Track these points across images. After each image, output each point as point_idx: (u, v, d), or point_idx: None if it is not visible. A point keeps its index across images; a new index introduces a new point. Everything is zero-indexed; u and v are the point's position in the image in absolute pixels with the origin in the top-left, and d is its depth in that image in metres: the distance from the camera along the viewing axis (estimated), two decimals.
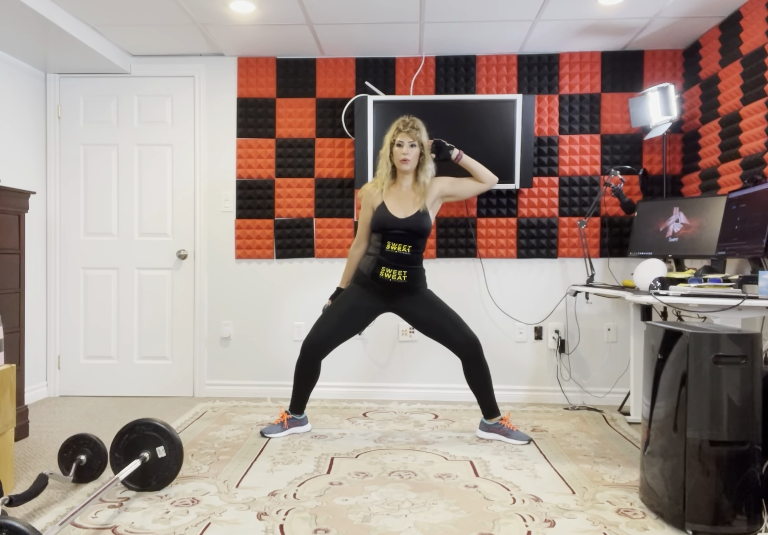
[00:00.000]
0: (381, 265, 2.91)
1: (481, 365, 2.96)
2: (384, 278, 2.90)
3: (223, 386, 3.93)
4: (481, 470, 2.56)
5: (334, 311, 2.98)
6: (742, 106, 3.05)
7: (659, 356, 2.08)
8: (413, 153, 2.88)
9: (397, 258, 2.89)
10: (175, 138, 3.94)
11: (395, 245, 2.89)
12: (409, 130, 2.86)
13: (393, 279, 2.90)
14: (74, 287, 3.97)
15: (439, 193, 2.96)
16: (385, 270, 2.90)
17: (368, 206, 2.99)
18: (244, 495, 2.27)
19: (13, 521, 1.51)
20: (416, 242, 2.91)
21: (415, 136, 2.86)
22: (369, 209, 2.98)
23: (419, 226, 2.89)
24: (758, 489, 1.94)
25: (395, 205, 2.92)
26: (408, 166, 2.88)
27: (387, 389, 3.88)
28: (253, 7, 3.14)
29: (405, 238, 2.89)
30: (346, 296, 3.00)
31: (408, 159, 2.86)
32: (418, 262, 2.95)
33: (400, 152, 2.87)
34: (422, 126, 2.91)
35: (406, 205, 2.92)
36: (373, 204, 2.96)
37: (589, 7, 3.14)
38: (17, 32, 3.21)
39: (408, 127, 2.87)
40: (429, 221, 2.92)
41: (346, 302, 2.98)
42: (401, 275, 2.90)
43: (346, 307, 2.97)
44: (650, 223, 3.31)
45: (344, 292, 3.03)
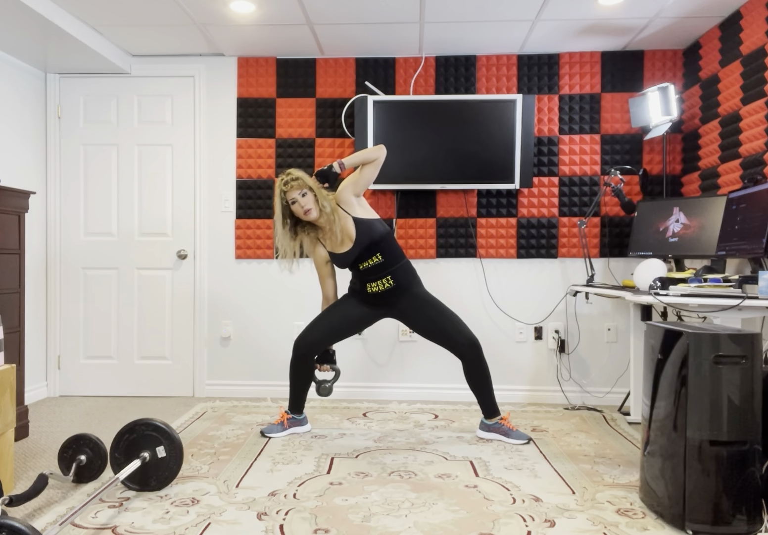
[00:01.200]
0: (365, 284, 2.93)
1: (481, 365, 2.96)
2: (374, 292, 2.93)
3: (223, 386, 3.93)
4: (481, 470, 2.56)
5: (331, 314, 3.00)
6: (742, 106, 3.05)
7: (659, 356, 2.08)
8: (310, 200, 2.78)
9: (375, 270, 2.90)
10: (175, 138, 3.94)
11: (366, 263, 2.89)
12: (291, 186, 2.78)
13: (383, 289, 2.91)
14: (74, 287, 3.97)
15: (353, 196, 2.88)
16: (371, 286, 2.92)
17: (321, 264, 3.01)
18: (244, 495, 2.27)
19: (13, 521, 1.51)
20: (381, 248, 2.87)
21: (300, 185, 2.77)
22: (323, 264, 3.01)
23: (370, 238, 2.84)
24: (758, 489, 1.94)
25: (335, 243, 2.88)
26: (314, 213, 2.79)
27: (387, 389, 3.88)
28: (253, 7, 3.14)
29: (369, 254, 2.87)
30: (343, 303, 3.02)
31: (309, 208, 2.78)
32: (396, 261, 2.92)
33: (299, 208, 2.79)
34: (299, 172, 2.83)
35: (343, 234, 2.85)
36: (324, 258, 2.98)
37: (589, 7, 3.14)
38: (17, 32, 3.21)
39: (289, 184, 2.78)
40: (371, 224, 2.86)
41: (342, 309, 3.00)
42: (388, 281, 2.90)
43: (342, 312, 2.99)
44: (650, 223, 3.31)
45: (342, 298, 3.05)
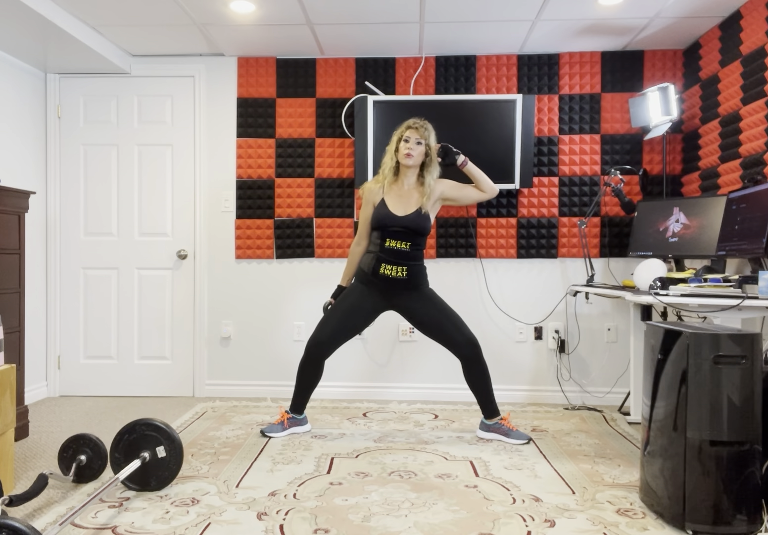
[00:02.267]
0: (381, 262, 2.91)
1: (481, 365, 2.96)
2: (384, 274, 2.91)
3: (223, 386, 3.93)
4: (481, 470, 2.56)
5: (337, 310, 2.98)
6: (742, 106, 3.05)
7: (659, 356, 2.08)
8: (418, 150, 2.89)
9: (396, 255, 2.90)
10: (175, 138, 3.94)
11: (394, 242, 2.90)
12: (417, 128, 2.90)
13: (393, 276, 2.90)
14: (74, 287, 3.97)
15: (440, 195, 2.97)
16: (385, 267, 2.91)
17: (369, 203, 2.99)
18: (244, 495, 2.27)
19: (13, 521, 1.51)
20: (415, 240, 2.92)
21: (423, 134, 2.89)
22: (370, 206, 2.99)
23: (418, 225, 2.89)
24: (758, 489, 1.94)
25: (396, 202, 2.93)
26: (410, 161, 2.89)
27: (387, 389, 3.88)
28: (253, 7, 3.14)
29: (404, 236, 2.90)
30: (348, 294, 3.00)
31: (412, 154, 2.88)
32: (418, 258, 2.95)
33: (405, 147, 2.89)
34: (432, 129, 2.95)
35: (407, 203, 2.93)
36: (374, 201, 2.97)
37: (589, 7, 3.14)
38: (17, 32, 3.21)
39: (417, 125, 2.91)
40: (428, 221, 2.93)
41: (348, 300, 2.98)
42: (401, 271, 2.90)
43: (348, 306, 2.97)
44: (650, 223, 3.31)
45: (346, 291, 3.03)
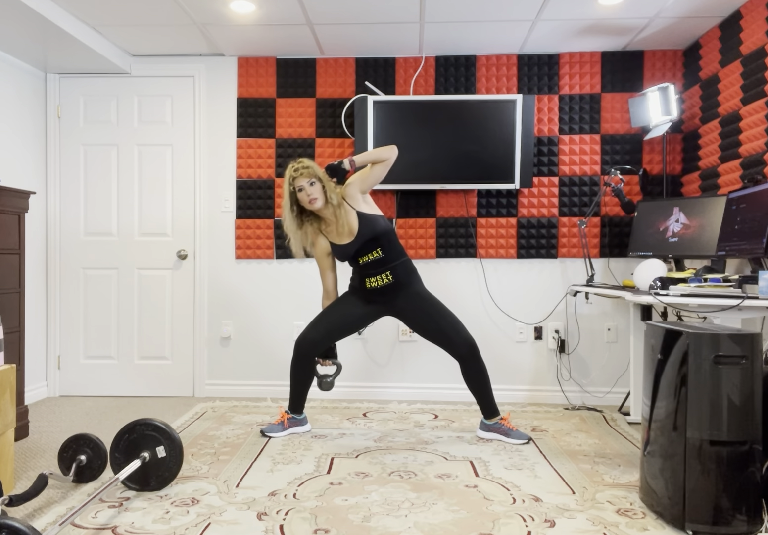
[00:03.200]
0: (365, 279, 2.94)
1: (479, 365, 2.96)
2: (373, 287, 2.93)
3: (223, 386, 3.93)
4: (481, 470, 2.56)
5: (331, 312, 3.00)
6: (742, 106, 3.05)
7: (659, 356, 2.08)
8: (317, 190, 2.82)
9: (375, 265, 2.91)
10: (175, 138, 3.94)
11: (366, 257, 2.91)
12: (301, 173, 2.81)
13: (381, 284, 2.92)
14: (74, 287, 3.97)
15: (359, 192, 2.90)
16: (370, 281, 2.93)
17: (322, 256, 3.00)
18: (244, 495, 2.27)
19: (13, 521, 1.51)
20: (382, 244, 2.90)
21: (309, 174, 2.81)
22: (325, 258, 3.01)
23: (372, 232, 2.86)
24: (758, 489, 1.94)
25: (338, 235, 2.91)
26: (318, 203, 2.82)
27: (387, 389, 3.88)
28: (253, 7, 3.14)
29: (370, 248, 2.89)
30: (343, 301, 3.02)
31: (315, 197, 2.81)
32: (396, 258, 2.94)
33: (306, 196, 2.82)
34: (310, 161, 2.87)
35: (345, 227, 2.87)
36: (325, 250, 2.98)
37: (589, 7, 3.14)
38: (17, 32, 3.21)
39: (299, 171, 2.82)
40: (375, 220, 2.88)
41: (342, 307, 3.00)
42: (386, 276, 2.91)
43: (343, 311, 2.99)
44: (650, 223, 3.31)
45: (341, 297, 3.05)
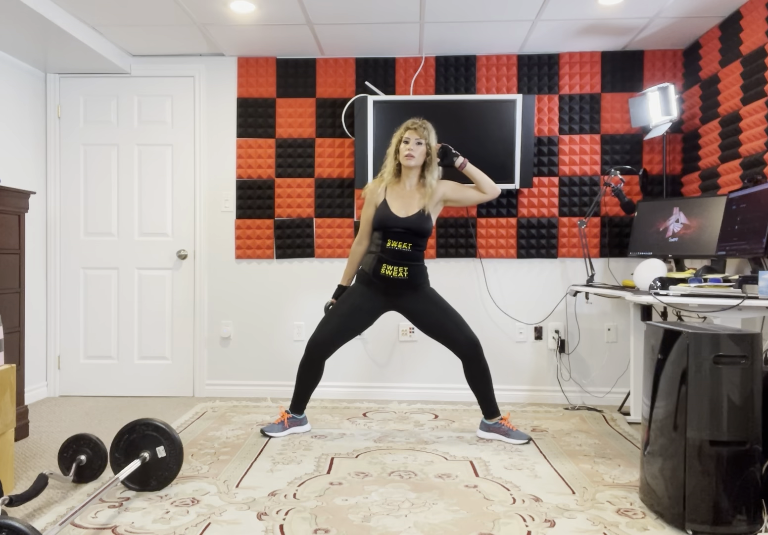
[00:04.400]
0: (382, 263, 2.92)
1: (482, 365, 2.96)
2: (385, 275, 2.91)
3: (223, 386, 3.93)
4: (481, 470, 2.56)
5: (338, 311, 2.99)
6: (742, 106, 3.05)
7: (659, 356, 2.08)
8: (419, 150, 2.90)
9: (397, 255, 2.90)
10: (175, 138, 3.94)
11: (395, 243, 2.90)
12: (416, 128, 2.90)
13: (394, 276, 2.90)
14: (74, 287, 3.97)
15: (441, 196, 2.97)
16: (386, 267, 2.91)
17: (371, 204, 3.00)
18: (244, 495, 2.27)
19: (13, 521, 1.51)
20: (416, 240, 2.92)
21: (422, 134, 2.89)
22: (372, 207, 2.99)
23: (419, 226, 2.90)
24: (758, 489, 1.94)
25: (397, 203, 2.94)
26: (412, 161, 2.89)
27: (387, 389, 3.88)
28: (253, 7, 3.14)
29: (405, 237, 2.90)
30: (350, 295, 3.00)
31: (413, 155, 2.89)
32: (419, 259, 2.96)
33: (406, 148, 2.90)
34: (432, 128, 2.95)
35: (409, 204, 2.93)
36: (376, 202, 2.98)
37: (589, 7, 3.14)
38: (17, 32, 3.21)
39: (417, 125, 2.91)
40: (430, 222, 2.93)
41: (350, 301, 2.98)
42: (402, 271, 2.90)
43: (350, 306, 2.97)
44: (650, 223, 3.31)
45: (348, 291, 3.03)
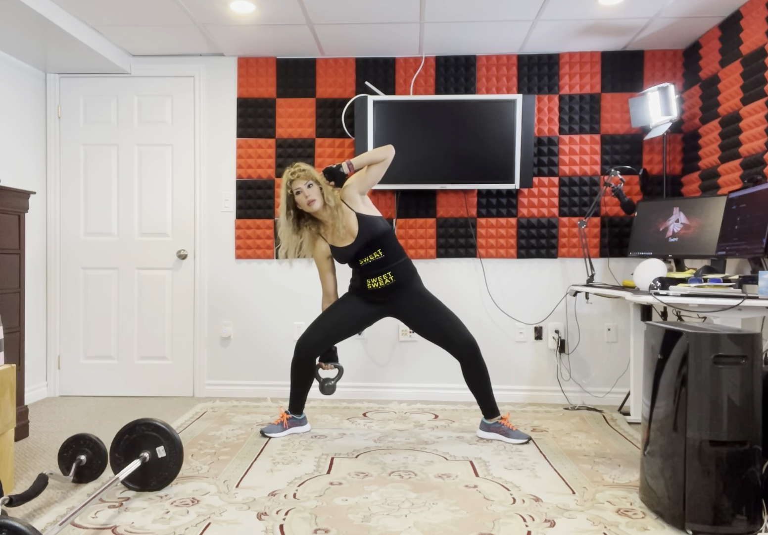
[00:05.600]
0: (366, 280, 2.93)
1: (479, 365, 2.96)
2: (374, 288, 2.93)
3: (223, 386, 3.93)
4: (481, 470, 2.56)
5: (332, 314, 3.00)
6: (742, 106, 3.05)
7: (659, 356, 2.08)
8: (314, 192, 2.81)
9: (375, 266, 2.90)
10: (175, 138, 3.94)
11: (366, 259, 2.90)
12: (299, 175, 2.81)
13: (383, 285, 2.91)
14: (74, 287, 3.97)
15: (358, 193, 2.90)
16: (371, 281, 2.92)
17: (322, 259, 3.00)
18: (244, 495, 2.27)
19: (13, 521, 1.51)
20: (382, 244, 2.89)
21: (307, 176, 2.81)
22: (326, 261, 3.01)
23: (372, 234, 2.86)
24: (758, 489, 1.94)
25: (338, 238, 2.90)
26: (317, 205, 2.82)
27: (387, 389, 3.88)
28: (253, 7, 3.14)
29: (370, 250, 2.89)
30: (344, 301, 3.02)
31: (313, 199, 2.81)
32: (398, 257, 2.93)
33: (303, 198, 2.81)
34: (307, 165, 2.87)
35: (345, 228, 2.87)
36: (325, 253, 2.97)
37: (589, 7, 3.14)
38: (17, 32, 3.21)
39: (296, 174, 2.81)
40: (373, 220, 2.88)
41: (343, 308, 3.00)
42: (388, 277, 2.91)
43: (344, 312, 2.99)
44: (650, 223, 3.31)
45: (342, 297, 3.04)
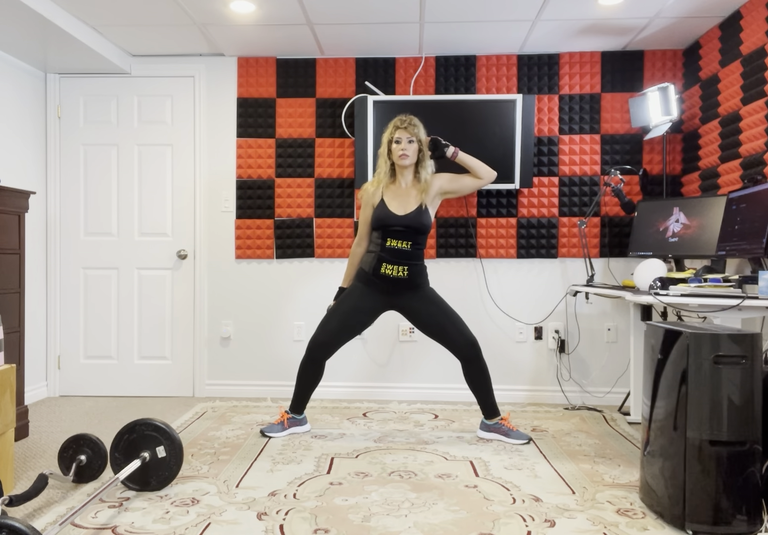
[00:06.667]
0: (382, 262, 2.92)
1: (481, 365, 2.96)
2: (385, 274, 2.91)
3: (223, 386, 3.93)
4: (481, 470, 2.56)
5: (338, 311, 2.99)
6: (742, 106, 3.05)
7: (659, 356, 2.08)
8: (412, 149, 2.90)
9: (397, 254, 2.90)
10: (175, 138, 3.94)
11: (395, 242, 2.90)
12: (406, 127, 2.90)
13: (394, 275, 2.90)
14: (74, 287, 3.97)
15: (438, 189, 2.97)
16: (386, 266, 2.91)
17: (368, 205, 3.00)
18: (244, 495, 2.27)
19: (13, 521, 1.51)
20: (416, 239, 2.92)
21: (412, 132, 2.89)
22: (369, 207, 3.00)
23: (419, 222, 2.90)
24: (758, 489, 1.94)
25: (395, 202, 2.94)
26: (407, 161, 2.90)
27: (387, 389, 3.88)
28: (253, 7, 3.14)
29: (405, 235, 2.90)
30: (349, 294, 3.00)
31: (407, 154, 2.89)
32: (418, 258, 2.96)
33: (399, 148, 2.90)
34: (419, 123, 2.95)
35: (406, 202, 2.93)
36: (373, 202, 2.98)
37: (589, 7, 3.14)
38: (17, 32, 3.21)
39: (405, 124, 2.91)
40: (429, 218, 2.93)
41: (349, 301, 2.98)
42: (402, 271, 2.90)
43: (349, 306, 2.97)
44: (650, 223, 3.31)
45: (347, 291, 3.03)
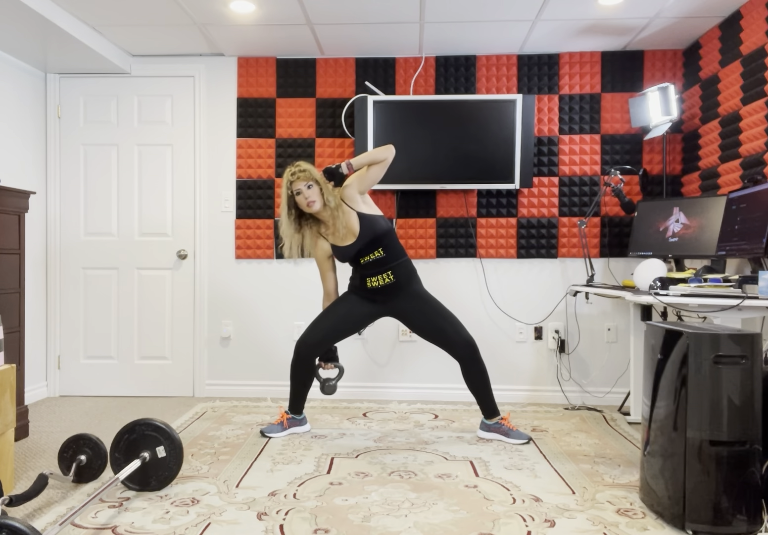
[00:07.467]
0: (365, 279, 2.93)
1: (479, 366, 2.96)
2: (374, 287, 2.93)
3: (223, 386, 3.93)
4: (481, 470, 2.56)
5: (331, 313, 3.00)
6: (742, 106, 3.05)
7: (659, 356, 2.08)
8: (314, 193, 2.81)
9: (375, 265, 2.91)
10: (175, 138, 3.94)
11: (367, 257, 2.90)
12: (299, 176, 2.80)
13: (382, 284, 2.92)
14: (74, 287, 3.97)
15: (358, 193, 2.90)
16: (371, 280, 2.92)
17: (323, 259, 3.00)
18: (244, 495, 2.27)
19: (13, 521, 1.51)
20: (383, 244, 2.90)
21: (307, 177, 2.80)
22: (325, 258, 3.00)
23: (373, 233, 2.86)
24: (758, 489, 1.94)
25: (338, 237, 2.90)
26: (317, 206, 2.81)
27: (387, 389, 3.88)
28: (253, 7, 3.14)
29: (371, 249, 2.89)
30: (343, 300, 3.02)
31: (313, 200, 2.80)
32: (397, 256, 2.94)
33: (302, 198, 2.81)
34: (308, 165, 2.86)
35: (345, 227, 2.87)
36: (326, 252, 2.97)
37: (589, 7, 3.14)
38: (17, 32, 3.21)
39: (296, 175, 2.80)
40: (375, 220, 2.88)
41: (343, 306, 3.00)
42: (388, 276, 2.91)
43: (343, 311, 2.99)
44: (650, 223, 3.31)
45: (342, 296, 3.05)
